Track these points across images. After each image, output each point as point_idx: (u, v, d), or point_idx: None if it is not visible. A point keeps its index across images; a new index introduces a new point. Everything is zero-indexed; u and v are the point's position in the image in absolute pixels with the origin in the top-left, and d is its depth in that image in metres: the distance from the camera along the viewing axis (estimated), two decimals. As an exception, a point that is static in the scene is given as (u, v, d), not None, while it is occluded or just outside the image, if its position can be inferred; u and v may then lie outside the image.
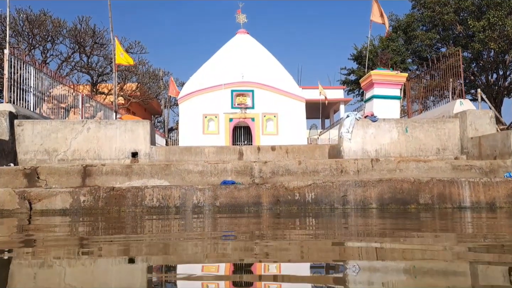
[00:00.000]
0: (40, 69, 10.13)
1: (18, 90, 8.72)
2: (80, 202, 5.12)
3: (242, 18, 18.21)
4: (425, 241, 2.91)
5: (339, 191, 5.24)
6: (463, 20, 24.35)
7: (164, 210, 5.13)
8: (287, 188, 5.23)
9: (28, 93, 9.01)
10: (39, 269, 2.13)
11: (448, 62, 10.91)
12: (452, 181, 5.27)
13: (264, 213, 5.07)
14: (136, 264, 2.21)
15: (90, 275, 1.96)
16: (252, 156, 7.83)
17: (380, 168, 6.71)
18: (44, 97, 10.38)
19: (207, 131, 16.05)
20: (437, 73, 11.47)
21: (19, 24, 22.41)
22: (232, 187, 5.21)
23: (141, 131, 7.80)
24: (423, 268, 2.00)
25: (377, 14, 12.18)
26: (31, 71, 9.00)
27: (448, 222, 4.35)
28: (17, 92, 8.69)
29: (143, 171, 6.61)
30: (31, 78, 9.02)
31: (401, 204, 5.21)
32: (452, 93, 11.43)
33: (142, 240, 3.11)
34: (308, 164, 6.77)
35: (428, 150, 7.85)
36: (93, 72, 26.40)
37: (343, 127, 7.84)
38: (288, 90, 16.56)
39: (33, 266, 2.18)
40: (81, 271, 2.04)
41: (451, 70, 10.73)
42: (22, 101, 8.99)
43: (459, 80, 10.98)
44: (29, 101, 9.03)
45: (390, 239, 3.05)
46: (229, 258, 2.34)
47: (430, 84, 11.78)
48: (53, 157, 7.64)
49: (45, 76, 10.12)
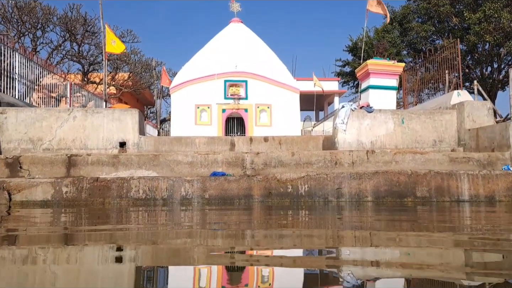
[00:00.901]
0: (30, 57, 9.83)
1: (6, 79, 8.42)
2: (62, 193, 4.88)
3: (236, 7, 17.83)
4: (423, 241, 2.72)
5: (333, 184, 5.05)
6: (459, 12, 24.16)
7: (150, 202, 4.91)
8: (280, 180, 5.02)
9: (15, 80, 8.70)
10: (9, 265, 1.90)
11: (444, 54, 10.75)
12: (451, 174, 5.09)
13: (256, 206, 4.86)
14: (114, 264, 1.98)
15: (66, 273, 1.74)
16: (244, 147, 7.61)
17: (376, 160, 6.52)
18: (34, 86, 10.13)
19: (199, 121, 15.77)
20: (432, 66, 11.31)
21: (8, 10, 21.83)
22: (222, 178, 4.99)
23: (129, 120, 7.53)
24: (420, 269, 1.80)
25: (373, 3, 11.93)
26: (17, 58, 8.67)
27: (446, 216, 4.17)
28: (6, 80, 8.39)
29: (130, 162, 6.37)
30: (17, 66, 8.70)
31: (398, 197, 5.03)
32: (448, 85, 11.28)
33: (123, 236, 2.89)
34: (302, 156, 6.57)
35: (424, 142, 7.68)
36: (84, 61, 25.89)
37: (338, 118, 7.63)
38: (282, 81, 16.30)
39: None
40: (56, 268, 1.81)
41: (447, 62, 10.56)
42: (12, 90, 8.70)
43: (454, 72, 10.84)
44: (15, 89, 8.72)
45: (387, 240, 2.85)
46: (215, 260, 2.12)
47: (425, 77, 11.62)
48: (37, 146, 7.35)
49: (34, 65, 9.83)
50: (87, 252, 2.21)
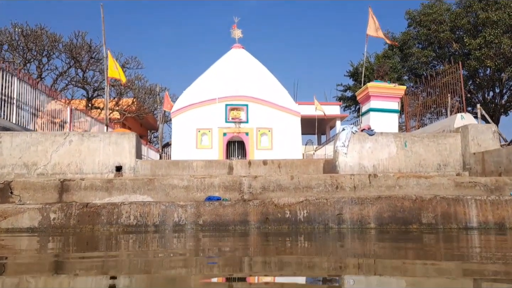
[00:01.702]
0: (33, 84, 9.93)
1: (4, 103, 8.40)
2: (50, 220, 4.67)
3: (237, 33, 18.00)
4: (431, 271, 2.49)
5: (334, 209, 4.81)
6: (459, 38, 24.35)
7: (142, 228, 4.68)
8: (277, 205, 4.80)
9: (13, 105, 8.65)
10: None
11: (445, 79, 10.67)
12: (457, 199, 4.85)
13: (252, 232, 4.62)
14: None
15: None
16: (243, 170, 7.41)
17: (378, 184, 6.29)
18: (37, 112, 10.21)
19: (200, 145, 15.62)
20: (433, 90, 11.23)
21: (14, 38, 22.17)
22: (217, 203, 4.77)
23: (126, 144, 7.38)
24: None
25: (373, 27, 11.96)
26: (15, 83, 8.64)
27: (454, 244, 3.92)
28: (3, 105, 8.38)
29: (124, 186, 6.17)
30: (15, 90, 8.66)
31: (402, 224, 4.78)
32: (450, 109, 11.15)
33: (111, 266, 2.67)
34: (301, 179, 6.35)
35: (428, 166, 7.45)
36: (88, 87, 26.10)
37: (339, 140, 7.45)
38: (283, 104, 16.23)
39: None
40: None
41: (448, 87, 10.47)
42: (10, 115, 8.67)
43: (456, 97, 10.74)
44: (12, 114, 8.65)
45: (393, 269, 2.62)
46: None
47: (427, 101, 11.51)
48: (32, 171, 7.18)
49: (37, 91, 9.95)
50: (71, 284, 2.00)
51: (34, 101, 9.92)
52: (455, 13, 23.92)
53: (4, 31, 21.50)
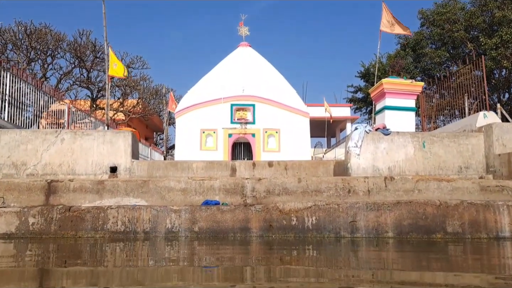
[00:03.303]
0: (37, 85, 9.65)
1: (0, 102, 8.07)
2: (28, 225, 4.18)
3: (244, 31, 17.50)
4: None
5: (346, 216, 4.25)
6: (474, 37, 23.60)
7: (130, 236, 4.16)
8: (282, 211, 4.25)
9: (4, 102, 8.26)
10: None
11: (459, 80, 10.07)
12: (487, 205, 4.27)
13: (253, 241, 4.08)
14: None
15: None
16: (247, 172, 6.87)
17: (395, 188, 5.71)
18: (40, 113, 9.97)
19: (204, 147, 15.11)
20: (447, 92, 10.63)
21: (18, 37, 21.92)
22: (214, 208, 4.24)
23: (121, 143, 6.88)
24: None
25: (387, 24, 11.37)
26: (8, 78, 8.23)
27: (484, 256, 3.34)
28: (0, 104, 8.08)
29: (116, 189, 5.66)
30: (7, 86, 8.26)
31: (424, 233, 4.20)
32: (468, 111, 10.54)
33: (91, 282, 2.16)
34: (310, 182, 5.79)
35: (448, 168, 6.83)
36: (93, 87, 25.77)
37: (351, 140, 6.87)
38: (291, 104, 15.65)
39: None
40: None
41: (463, 87, 9.87)
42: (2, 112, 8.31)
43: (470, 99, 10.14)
44: (4, 110, 8.24)
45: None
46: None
47: (441, 103, 10.91)
48: (21, 171, 6.71)
49: (41, 92, 9.68)
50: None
51: (38, 102, 9.67)
52: (469, 12, 23.18)
53: (8, 30, 21.25)
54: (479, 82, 10.24)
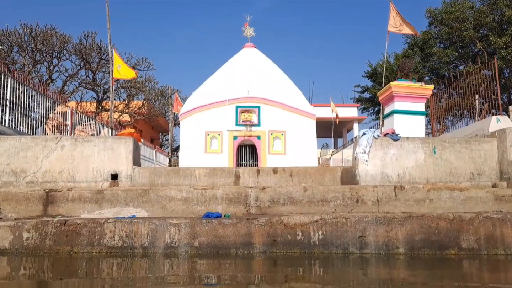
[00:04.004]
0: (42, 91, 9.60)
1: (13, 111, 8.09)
2: (22, 240, 4.02)
3: (249, 32, 17.26)
4: None
5: (354, 230, 4.03)
6: (483, 36, 23.15)
7: (128, 251, 3.98)
8: (287, 225, 4.04)
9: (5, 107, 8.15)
10: None
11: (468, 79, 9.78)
12: (504, 219, 4.03)
13: (256, 257, 3.88)
14: None
15: None
16: (251, 179, 6.67)
17: (406, 198, 5.48)
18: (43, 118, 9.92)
19: (209, 149, 14.91)
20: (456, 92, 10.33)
21: (23, 39, 21.91)
22: (215, 222, 4.05)
23: (122, 149, 6.71)
24: None
25: (395, 24, 11.10)
26: (9, 83, 8.11)
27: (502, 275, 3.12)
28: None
29: (116, 198, 5.50)
30: (9, 91, 8.14)
31: (437, 249, 3.97)
32: (478, 111, 10.25)
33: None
34: (316, 191, 5.58)
35: (460, 175, 6.58)
36: (98, 89, 25.70)
37: (359, 146, 6.64)
38: (297, 106, 15.41)
39: None
40: None
41: (472, 88, 9.57)
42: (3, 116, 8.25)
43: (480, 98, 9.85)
44: (5, 115, 8.13)
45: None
46: None
47: (449, 103, 10.61)
48: (20, 179, 6.57)
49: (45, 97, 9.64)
50: None
51: (40, 107, 9.60)
52: (479, 11, 22.75)
53: (14, 32, 21.25)
54: (489, 81, 9.94)
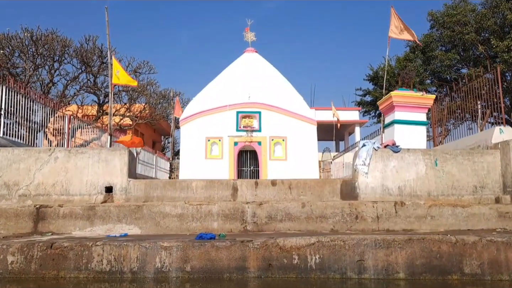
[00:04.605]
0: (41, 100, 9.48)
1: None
2: (7, 264, 3.87)
3: (250, 36, 17.13)
4: None
5: (353, 254, 3.87)
6: (485, 40, 22.94)
7: (116, 276, 3.83)
8: (283, 248, 3.89)
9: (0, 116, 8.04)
10: None
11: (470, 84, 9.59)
12: (509, 243, 3.86)
13: (251, 283, 3.73)
14: None
15: None
16: (249, 192, 6.51)
17: (406, 215, 5.33)
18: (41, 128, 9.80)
19: (210, 155, 14.78)
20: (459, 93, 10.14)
21: (24, 43, 21.84)
22: (208, 245, 3.89)
23: (117, 161, 6.57)
24: None
25: (396, 30, 10.94)
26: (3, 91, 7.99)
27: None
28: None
29: (108, 214, 5.38)
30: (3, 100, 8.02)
31: (439, 274, 3.80)
32: (481, 117, 10.07)
33: None
34: (314, 207, 5.43)
35: (462, 188, 6.41)
36: (99, 93, 25.60)
37: (359, 158, 6.48)
38: (298, 112, 15.25)
39: None
40: None
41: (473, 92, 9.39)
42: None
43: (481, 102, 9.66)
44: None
45: None
46: None
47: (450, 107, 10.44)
48: (13, 192, 6.44)
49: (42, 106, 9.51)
50: None
51: (36, 115, 9.48)
52: (480, 14, 22.54)
53: (15, 36, 21.18)
54: (491, 85, 9.77)
